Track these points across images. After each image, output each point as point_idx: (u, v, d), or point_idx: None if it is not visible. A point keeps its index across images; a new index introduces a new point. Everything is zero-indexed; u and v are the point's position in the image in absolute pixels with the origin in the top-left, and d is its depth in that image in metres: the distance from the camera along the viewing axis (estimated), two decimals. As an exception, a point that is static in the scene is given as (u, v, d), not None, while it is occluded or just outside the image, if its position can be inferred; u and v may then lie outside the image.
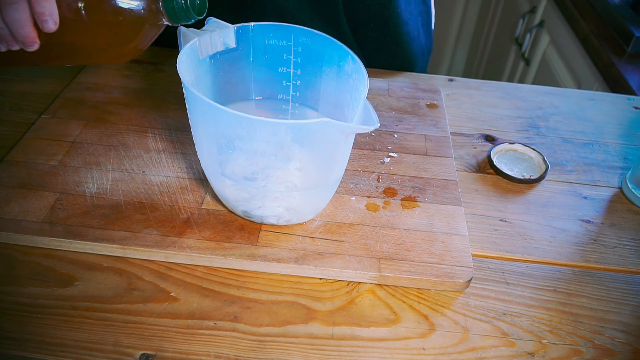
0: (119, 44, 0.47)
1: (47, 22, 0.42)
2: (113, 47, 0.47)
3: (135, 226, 0.50)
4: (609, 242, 0.55)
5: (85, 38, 0.46)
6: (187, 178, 0.56)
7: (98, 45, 0.47)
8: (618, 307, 0.49)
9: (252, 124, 0.42)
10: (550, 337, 0.46)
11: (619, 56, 1.04)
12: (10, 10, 0.42)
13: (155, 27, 0.47)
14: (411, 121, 0.67)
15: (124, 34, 0.46)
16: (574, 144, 0.67)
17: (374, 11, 0.72)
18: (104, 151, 0.58)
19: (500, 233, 0.55)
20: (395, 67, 0.79)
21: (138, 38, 0.47)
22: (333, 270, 0.48)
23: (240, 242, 0.49)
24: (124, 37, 0.46)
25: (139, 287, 0.47)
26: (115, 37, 0.46)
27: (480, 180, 0.61)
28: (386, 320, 0.46)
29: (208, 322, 0.45)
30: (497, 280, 0.50)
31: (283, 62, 0.52)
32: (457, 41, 2.09)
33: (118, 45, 0.47)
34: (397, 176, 0.59)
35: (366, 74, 0.45)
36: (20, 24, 0.42)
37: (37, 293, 0.46)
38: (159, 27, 0.47)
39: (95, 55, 0.50)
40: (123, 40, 0.47)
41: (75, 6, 0.43)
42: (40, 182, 0.54)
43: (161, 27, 0.47)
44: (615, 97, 0.78)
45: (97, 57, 0.51)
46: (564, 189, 0.61)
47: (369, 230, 0.52)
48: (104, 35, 0.46)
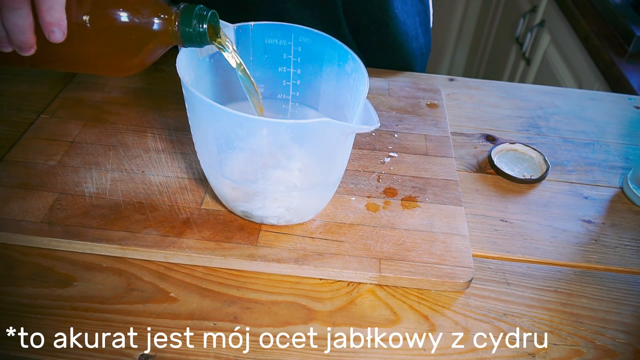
0: (123, 60, 0.45)
1: (55, 33, 0.40)
2: (115, 63, 0.45)
3: (134, 226, 0.50)
4: (610, 242, 0.55)
5: (88, 50, 0.45)
6: (186, 178, 0.56)
7: (100, 59, 0.46)
8: (619, 308, 0.49)
9: (252, 124, 0.42)
10: (551, 338, 0.46)
11: (620, 56, 1.04)
12: (12, 16, 0.39)
13: (164, 47, 0.45)
14: (411, 121, 0.66)
15: (130, 51, 0.44)
16: (574, 144, 0.67)
17: (373, 13, 0.72)
18: (103, 151, 0.58)
19: (501, 233, 0.55)
20: (394, 67, 0.78)
21: (144, 55, 0.45)
22: (333, 271, 0.48)
23: (240, 243, 0.49)
24: (129, 54, 0.44)
25: (138, 287, 0.47)
26: (120, 54, 0.44)
27: (480, 180, 0.61)
28: (386, 320, 0.46)
29: (208, 322, 0.44)
30: (498, 281, 0.50)
31: (283, 61, 0.52)
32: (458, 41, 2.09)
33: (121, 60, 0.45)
34: (398, 176, 0.58)
35: (366, 73, 0.45)
36: (22, 30, 0.40)
37: (36, 293, 0.45)
38: (168, 47, 0.46)
39: (96, 68, 0.48)
40: (127, 57, 0.45)
41: (79, 20, 0.42)
42: (39, 182, 0.53)
43: (170, 46, 0.46)
44: (616, 96, 0.78)
45: (97, 69, 0.49)
46: (564, 189, 0.61)
47: (369, 230, 0.52)
48: (108, 51, 0.44)
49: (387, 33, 0.74)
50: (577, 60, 1.19)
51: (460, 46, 2.09)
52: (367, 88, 0.44)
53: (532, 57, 1.44)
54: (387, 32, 0.74)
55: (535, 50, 1.42)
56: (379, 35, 0.75)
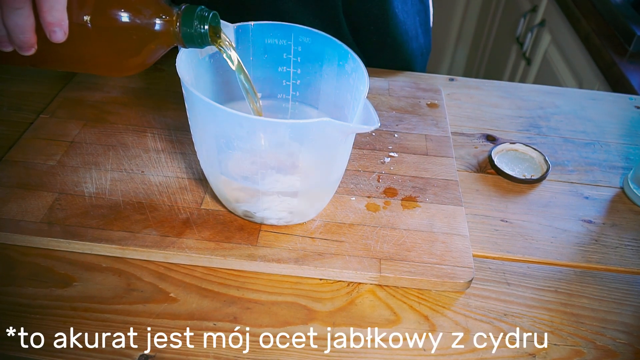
0: (123, 60, 0.45)
1: (56, 33, 0.40)
2: (116, 63, 0.46)
3: (134, 226, 0.50)
4: (610, 242, 0.55)
5: (89, 50, 0.45)
6: (186, 178, 0.55)
7: (100, 59, 0.46)
8: (619, 308, 0.49)
9: (252, 124, 0.42)
10: (552, 338, 0.46)
11: (621, 55, 1.04)
12: (13, 16, 0.39)
13: (165, 47, 0.45)
14: (412, 121, 0.66)
15: (131, 51, 0.44)
16: (575, 144, 0.67)
17: (373, 13, 0.72)
18: (102, 151, 0.58)
19: (501, 233, 0.54)
20: (394, 67, 0.78)
21: (144, 55, 0.45)
22: (333, 271, 0.48)
23: (239, 243, 0.49)
24: (130, 54, 0.44)
25: (138, 287, 0.46)
26: (121, 54, 0.44)
27: (481, 180, 0.61)
28: (386, 321, 0.46)
29: (207, 322, 0.44)
30: (498, 281, 0.50)
31: (283, 61, 0.52)
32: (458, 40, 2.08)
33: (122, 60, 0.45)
34: (398, 176, 0.58)
35: (366, 73, 0.45)
36: (23, 29, 0.40)
37: (35, 293, 0.45)
38: (168, 47, 0.46)
39: (96, 67, 0.48)
40: (128, 57, 0.45)
41: (80, 20, 0.41)
42: (38, 182, 0.53)
43: (170, 47, 0.46)
44: (616, 96, 0.77)
45: (98, 69, 0.49)
46: (565, 189, 0.60)
47: (369, 230, 0.52)
48: (109, 51, 0.44)
49: (387, 33, 0.74)
50: (578, 60, 1.19)
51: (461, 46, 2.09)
52: (367, 88, 0.44)
53: (533, 57, 1.44)
54: (387, 32, 0.74)
55: (535, 50, 1.42)
56: (379, 34, 0.75)
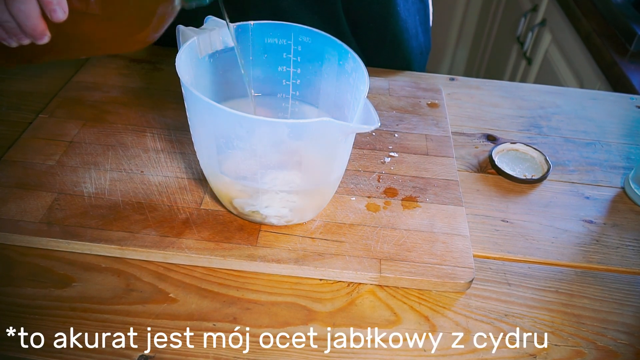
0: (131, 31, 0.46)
1: (56, 11, 0.41)
2: (124, 36, 0.46)
3: (133, 226, 0.50)
4: (611, 242, 0.55)
5: (95, 27, 0.45)
6: (186, 178, 0.55)
7: (109, 33, 0.46)
8: (621, 308, 0.49)
9: (252, 124, 0.42)
10: (552, 339, 0.46)
11: (622, 55, 1.03)
12: (15, 2, 0.40)
13: (168, 12, 0.45)
14: (412, 121, 0.66)
15: (135, 19, 0.45)
16: (576, 144, 0.67)
17: (374, 10, 0.72)
18: (102, 151, 0.58)
19: (502, 233, 0.54)
20: (393, 66, 0.78)
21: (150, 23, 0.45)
22: (333, 271, 0.48)
23: (239, 243, 0.49)
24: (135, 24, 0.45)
25: (137, 288, 0.46)
26: (127, 24, 0.45)
27: (481, 180, 0.60)
28: (387, 321, 0.46)
29: (207, 323, 0.44)
30: (499, 281, 0.50)
31: (283, 61, 0.52)
32: (458, 40, 2.08)
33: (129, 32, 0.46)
34: (398, 176, 0.58)
35: (366, 72, 0.45)
36: (27, 14, 0.41)
37: (34, 294, 0.45)
38: (172, 13, 0.46)
39: (106, 44, 0.48)
40: (135, 27, 0.45)
41: None
42: (37, 182, 0.53)
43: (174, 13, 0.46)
44: (617, 96, 0.77)
45: (108, 46, 0.50)
46: (566, 189, 0.60)
47: (370, 230, 0.51)
48: (115, 23, 0.45)
49: (387, 30, 0.74)
50: (579, 59, 1.19)
51: (461, 45, 2.09)
52: (367, 87, 0.44)
53: (533, 57, 1.43)
54: (387, 29, 0.74)
55: (536, 50, 1.42)
56: (379, 32, 0.74)
